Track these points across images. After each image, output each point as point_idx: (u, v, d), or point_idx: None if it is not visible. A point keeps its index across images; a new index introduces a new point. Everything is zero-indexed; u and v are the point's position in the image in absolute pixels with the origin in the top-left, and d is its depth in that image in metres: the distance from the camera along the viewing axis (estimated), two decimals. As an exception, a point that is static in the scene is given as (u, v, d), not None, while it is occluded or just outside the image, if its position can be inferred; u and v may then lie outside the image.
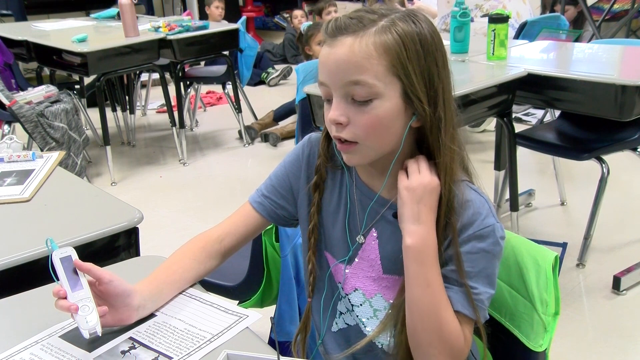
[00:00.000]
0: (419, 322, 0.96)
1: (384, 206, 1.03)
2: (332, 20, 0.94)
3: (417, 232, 0.95)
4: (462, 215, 0.96)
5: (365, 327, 1.08)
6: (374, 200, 1.03)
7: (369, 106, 0.91)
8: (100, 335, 0.92)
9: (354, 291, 1.08)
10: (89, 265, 0.95)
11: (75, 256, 0.96)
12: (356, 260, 1.07)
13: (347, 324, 1.11)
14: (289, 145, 4.22)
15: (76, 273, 0.94)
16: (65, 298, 0.92)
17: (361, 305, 1.08)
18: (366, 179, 1.05)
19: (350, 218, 1.06)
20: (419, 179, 0.95)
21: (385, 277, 1.05)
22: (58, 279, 0.94)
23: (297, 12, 6.61)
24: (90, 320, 0.90)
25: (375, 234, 1.05)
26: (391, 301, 1.04)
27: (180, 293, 1.06)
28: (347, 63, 0.90)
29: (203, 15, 6.87)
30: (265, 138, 4.31)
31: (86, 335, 0.90)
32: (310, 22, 4.20)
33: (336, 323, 1.13)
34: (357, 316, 1.08)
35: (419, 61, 0.91)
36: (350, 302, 1.09)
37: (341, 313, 1.11)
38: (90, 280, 0.95)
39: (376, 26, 0.90)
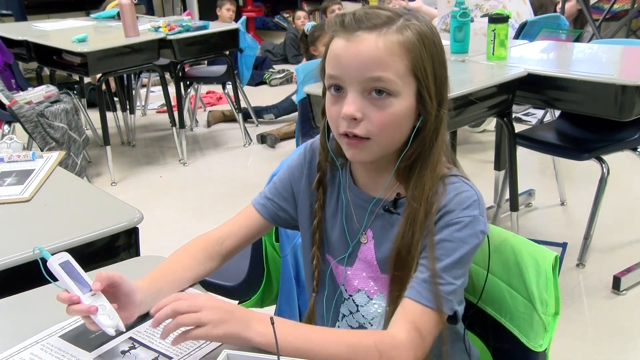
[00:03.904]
0: None
1: (377, 205, 1.02)
2: (347, 14, 0.93)
3: None
4: (447, 200, 0.94)
5: (371, 325, 1.08)
6: (373, 203, 1.02)
7: (386, 103, 0.91)
8: (124, 330, 0.92)
9: (358, 292, 1.08)
10: (100, 275, 0.92)
11: (72, 259, 0.95)
12: (357, 261, 1.07)
13: (350, 327, 1.10)
14: (287, 146, 4.22)
15: (78, 275, 0.93)
16: (78, 303, 0.90)
17: (366, 305, 1.08)
18: (361, 179, 1.05)
19: (348, 219, 1.06)
20: None
21: (383, 277, 1.04)
22: (56, 281, 0.92)
23: (300, 13, 6.64)
24: (112, 317, 0.90)
25: (371, 234, 1.05)
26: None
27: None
28: (370, 59, 0.89)
29: (203, 16, 6.88)
30: (263, 139, 4.31)
31: (112, 332, 0.90)
32: (314, 23, 4.20)
33: (338, 326, 1.12)
34: (363, 316, 1.08)
35: (433, 62, 0.92)
36: (354, 302, 1.09)
37: (344, 315, 1.11)
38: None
39: (396, 24, 0.90)
